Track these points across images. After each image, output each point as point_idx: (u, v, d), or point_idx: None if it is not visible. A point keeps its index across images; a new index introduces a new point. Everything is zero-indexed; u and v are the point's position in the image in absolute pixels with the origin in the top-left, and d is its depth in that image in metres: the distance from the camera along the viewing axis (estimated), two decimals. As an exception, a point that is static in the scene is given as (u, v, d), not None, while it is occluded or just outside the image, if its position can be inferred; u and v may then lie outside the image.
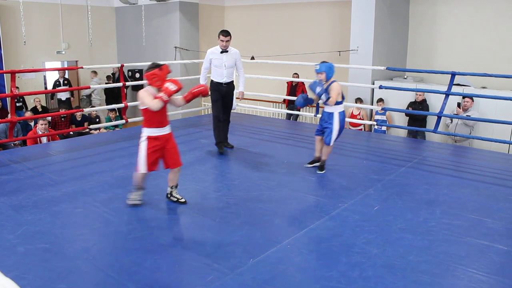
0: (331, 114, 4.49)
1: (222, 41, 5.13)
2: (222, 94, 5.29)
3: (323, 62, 4.53)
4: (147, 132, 3.58)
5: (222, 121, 5.39)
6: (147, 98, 3.48)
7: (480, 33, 8.34)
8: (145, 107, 3.51)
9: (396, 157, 5.35)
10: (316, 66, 4.49)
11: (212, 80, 5.32)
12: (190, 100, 3.70)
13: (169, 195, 3.83)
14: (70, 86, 11.02)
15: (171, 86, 3.45)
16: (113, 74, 11.76)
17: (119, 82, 11.15)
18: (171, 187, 3.81)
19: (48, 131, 7.01)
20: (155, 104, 3.44)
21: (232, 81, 5.36)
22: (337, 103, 4.47)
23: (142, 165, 3.57)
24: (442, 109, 5.71)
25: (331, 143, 4.53)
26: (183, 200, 3.78)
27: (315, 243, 3.12)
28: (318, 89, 4.38)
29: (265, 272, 2.70)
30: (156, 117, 3.56)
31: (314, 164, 4.79)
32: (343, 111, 4.56)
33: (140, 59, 10.56)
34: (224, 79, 5.23)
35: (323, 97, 4.39)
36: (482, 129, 7.19)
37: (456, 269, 2.78)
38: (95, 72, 11.53)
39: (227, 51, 5.20)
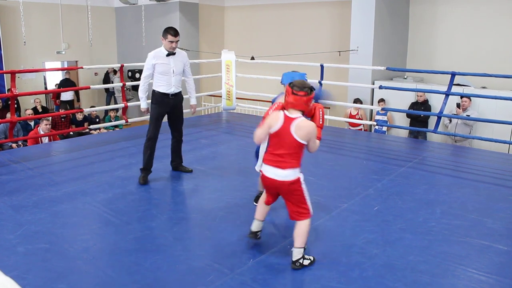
0: None
1: (171, 41, 4.14)
2: (169, 108, 4.32)
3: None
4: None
5: (174, 140, 4.52)
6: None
7: (480, 33, 8.34)
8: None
9: (396, 157, 5.35)
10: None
11: (155, 91, 4.27)
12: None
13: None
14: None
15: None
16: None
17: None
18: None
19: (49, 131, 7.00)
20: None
21: (180, 91, 4.38)
22: None
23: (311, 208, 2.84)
24: (442, 109, 5.71)
25: None
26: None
27: (315, 243, 3.12)
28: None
29: (265, 272, 2.70)
30: None
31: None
32: None
33: (140, 59, 10.50)
34: (172, 89, 4.25)
35: None
36: (482, 129, 7.18)
37: (456, 269, 2.78)
38: (115, 71, 11.87)
39: (174, 54, 4.23)
